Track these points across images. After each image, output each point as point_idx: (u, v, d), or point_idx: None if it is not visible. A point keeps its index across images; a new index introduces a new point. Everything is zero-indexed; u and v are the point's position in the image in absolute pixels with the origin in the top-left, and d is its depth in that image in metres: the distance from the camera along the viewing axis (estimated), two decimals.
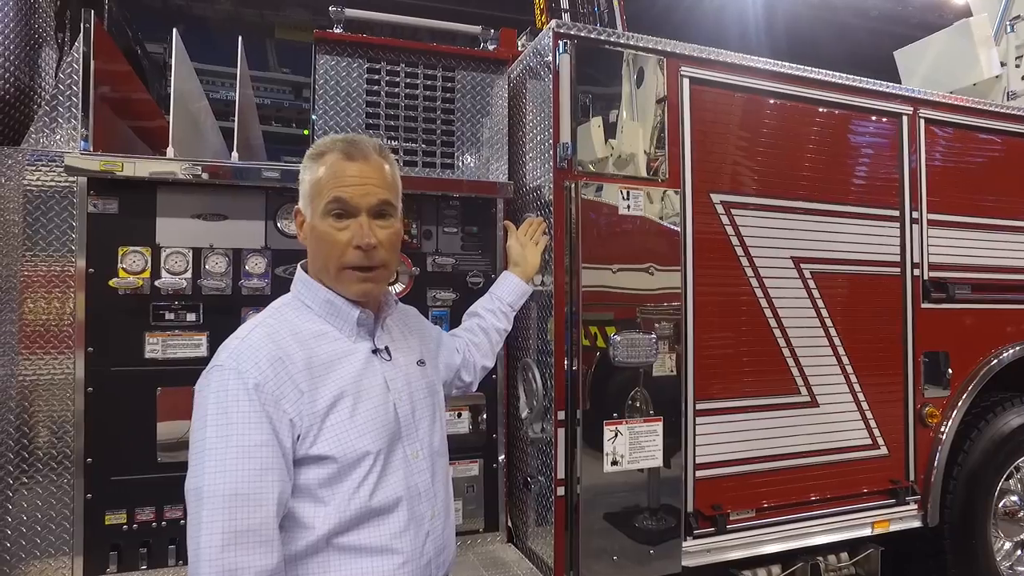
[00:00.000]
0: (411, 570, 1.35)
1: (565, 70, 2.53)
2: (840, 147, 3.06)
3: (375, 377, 1.39)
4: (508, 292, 2.17)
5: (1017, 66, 4.81)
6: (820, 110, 3.03)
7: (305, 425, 1.26)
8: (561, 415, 2.47)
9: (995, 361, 3.32)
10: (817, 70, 3.01)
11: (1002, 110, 3.41)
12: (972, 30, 4.72)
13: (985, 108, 3.36)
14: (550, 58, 2.57)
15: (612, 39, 2.65)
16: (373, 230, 1.37)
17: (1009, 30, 4.87)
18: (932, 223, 3.21)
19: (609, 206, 2.52)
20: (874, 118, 3.14)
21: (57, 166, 2.38)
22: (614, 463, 2.45)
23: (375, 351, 1.43)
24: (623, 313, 2.51)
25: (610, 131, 2.67)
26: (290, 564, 1.26)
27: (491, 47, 3.02)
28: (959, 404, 3.20)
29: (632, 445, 2.47)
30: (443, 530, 1.48)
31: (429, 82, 2.82)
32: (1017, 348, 3.34)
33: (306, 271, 1.45)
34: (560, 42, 2.54)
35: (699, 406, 2.71)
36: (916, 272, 3.17)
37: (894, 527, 3.05)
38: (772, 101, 2.92)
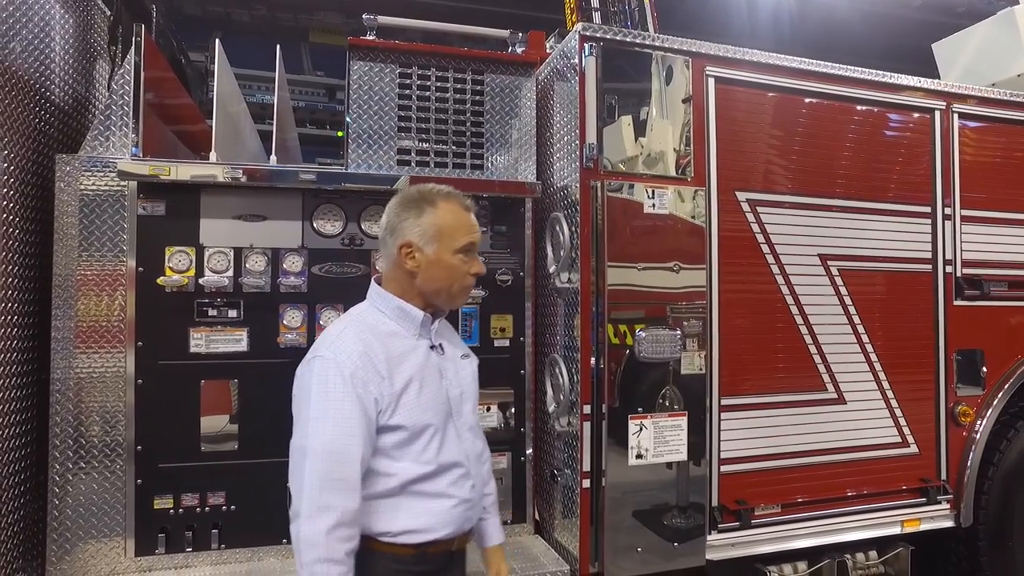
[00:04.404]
0: (461, 511, 1.74)
1: (591, 72, 2.59)
2: (869, 143, 3.05)
3: (432, 367, 1.76)
4: (490, 530, 2.00)
5: None
6: (849, 107, 3.02)
7: (385, 402, 1.64)
8: (587, 409, 2.53)
9: None
10: (845, 66, 3.00)
11: None
12: (1017, 19, 4.59)
13: (1021, 101, 3.29)
14: (576, 60, 2.63)
15: (638, 41, 2.69)
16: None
17: None
18: (965, 219, 3.17)
19: (634, 205, 2.57)
20: (905, 113, 3.12)
21: (110, 171, 2.53)
22: (639, 456, 2.50)
23: (432, 347, 1.79)
24: (648, 310, 2.55)
25: (640, 129, 2.71)
26: (371, 503, 1.65)
27: (519, 50, 3.09)
28: (994, 403, 3.16)
29: (657, 439, 2.52)
30: (482, 482, 1.87)
31: (459, 85, 2.90)
32: None
33: (379, 285, 1.83)
34: (586, 45, 2.60)
35: (724, 402, 2.74)
36: (948, 269, 3.13)
37: (925, 526, 3.03)
38: (799, 99, 2.93)
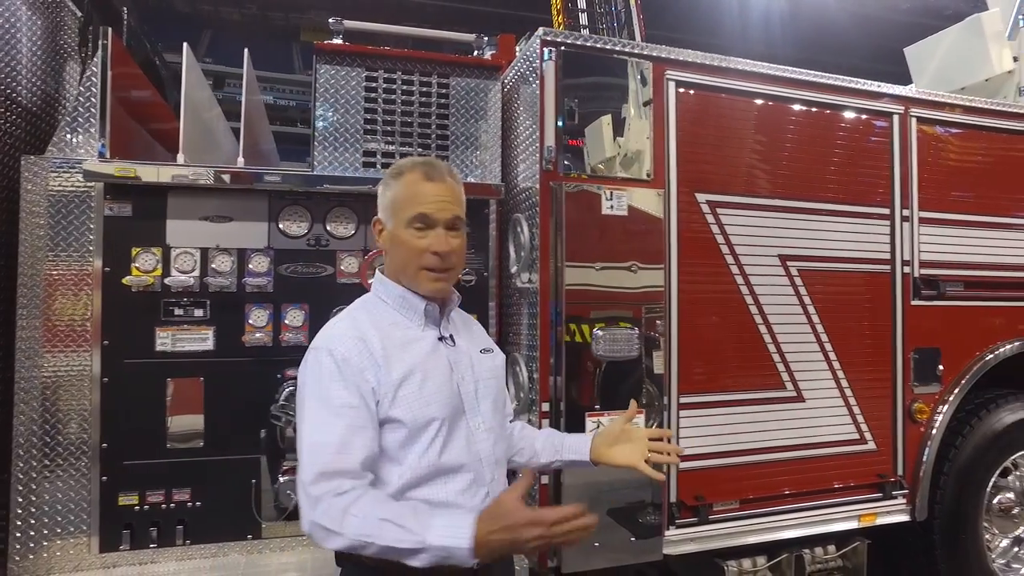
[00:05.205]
0: None
1: (550, 76, 2.64)
2: (829, 146, 3.11)
3: (440, 359, 1.62)
4: (574, 444, 1.93)
5: None
6: (809, 110, 3.08)
7: (383, 391, 1.50)
8: (545, 407, 2.58)
9: (990, 356, 3.33)
10: (805, 71, 3.06)
11: (995, 107, 3.42)
12: (984, 25, 4.68)
13: (977, 106, 3.37)
14: (537, 64, 2.68)
15: (598, 46, 2.74)
16: (448, 240, 1.61)
17: (1022, 24, 4.82)
18: (923, 221, 3.24)
19: (593, 206, 2.62)
20: (864, 117, 3.17)
21: (77, 172, 2.56)
22: None
23: (441, 338, 1.66)
24: (606, 309, 2.61)
25: (619, 129, 2.77)
26: None
27: (489, 54, 3.15)
28: (949, 400, 3.22)
29: None
30: (501, 491, 1.64)
31: (425, 88, 2.95)
32: (1011, 345, 3.34)
33: (383, 274, 1.70)
34: (545, 49, 2.65)
35: (683, 400, 2.79)
36: (906, 269, 3.19)
37: (881, 520, 3.09)
38: (758, 102, 2.98)
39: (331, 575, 2.66)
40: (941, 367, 3.24)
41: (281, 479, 2.67)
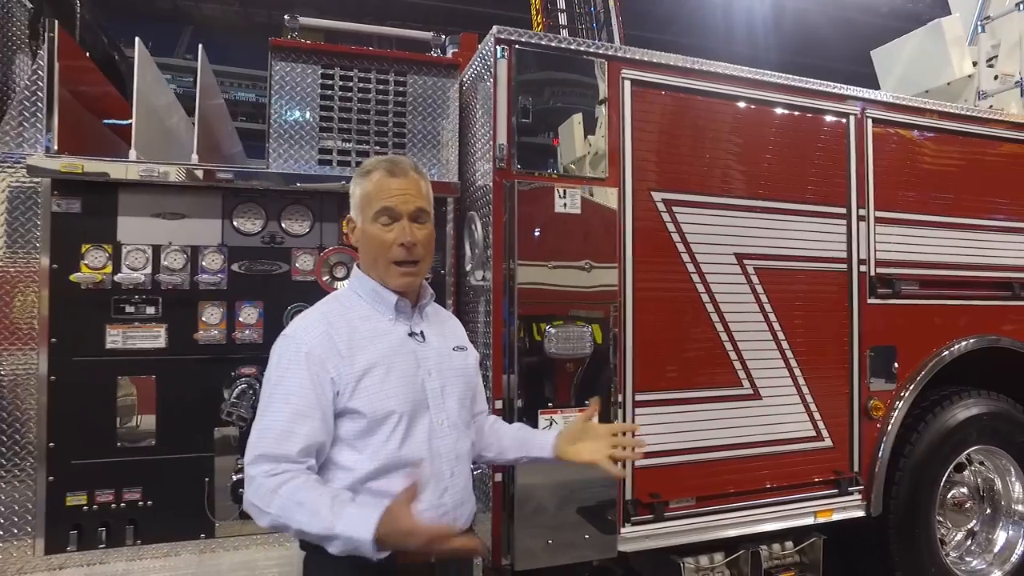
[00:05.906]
0: (430, 517, 1.59)
1: (503, 74, 2.64)
2: (786, 146, 3.13)
3: (407, 354, 1.68)
4: (540, 441, 1.95)
5: (990, 66, 4.85)
6: (766, 110, 3.10)
7: (343, 382, 1.58)
8: (499, 404, 2.57)
9: (946, 352, 3.38)
10: (762, 71, 3.09)
11: (949, 110, 3.47)
12: (944, 30, 4.77)
13: (931, 108, 3.42)
14: (491, 62, 2.68)
15: (553, 44, 2.75)
16: (412, 231, 1.69)
17: (981, 30, 4.91)
18: (879, 220, 3.28)
19: (546, 205, 2.63)
20: (821, 118, 3.21)
21: (23, 167, 2.52)
22: None
23: (411, 334, 1.73)
24: (558, 308, 2.61)
25: (590, 128, 2.79)
26: None
27: (451, 52, 3.14)
28: (905, 397, 3.27)
29: None
30: (462, 487, 1.74)
31: (381, 86, 2.94)
32: (965, 343, 3.39)
33: (360, 268, 1.78)
34: (499, 47, 2.65)
35: (639, 397, 2.80)
36: (863, 268, 3.23)
37: (837, 516, 3.12)
38: (716, 102, 3.00)
39: (286, 574, 2.67)
40: (897, 365, 3.28)
41: (234, 477, 2.64)
